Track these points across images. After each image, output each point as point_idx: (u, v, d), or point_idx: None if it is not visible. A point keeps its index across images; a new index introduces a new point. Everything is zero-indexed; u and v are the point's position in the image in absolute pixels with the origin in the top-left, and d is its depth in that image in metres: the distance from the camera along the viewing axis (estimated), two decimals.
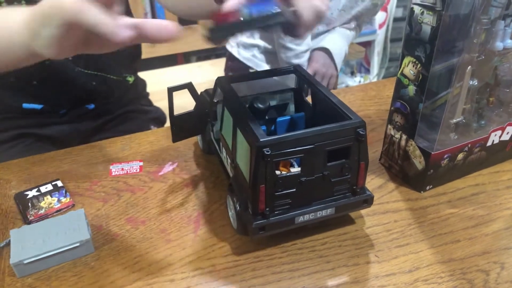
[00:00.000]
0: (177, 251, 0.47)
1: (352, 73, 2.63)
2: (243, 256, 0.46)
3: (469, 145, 0.54)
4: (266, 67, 1.25)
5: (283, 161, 0.45)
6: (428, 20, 0.47)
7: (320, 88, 0.50)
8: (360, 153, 0.44)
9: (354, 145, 0.44)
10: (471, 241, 0.48)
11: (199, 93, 0.56)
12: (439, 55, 0.47)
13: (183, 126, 0.55)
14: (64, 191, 0.55)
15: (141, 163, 0.61)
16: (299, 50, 1.18)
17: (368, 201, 0.47)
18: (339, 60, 1.23)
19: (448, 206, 0.53)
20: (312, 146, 0.42)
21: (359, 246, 0.47)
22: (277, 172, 0.43)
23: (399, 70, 0.53)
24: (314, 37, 1.24)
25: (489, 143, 0.56)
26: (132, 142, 0.66)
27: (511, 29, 0.49)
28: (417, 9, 0.48)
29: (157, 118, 0.90)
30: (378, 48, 2.60)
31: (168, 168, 0.60)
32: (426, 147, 0.53)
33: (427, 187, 0.55)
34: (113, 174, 0.59)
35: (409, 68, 0.51)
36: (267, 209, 0.43)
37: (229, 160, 0.50)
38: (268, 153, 0.39)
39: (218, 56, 2.20)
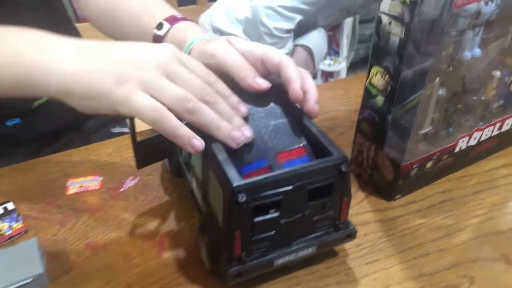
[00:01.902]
0: (141, 279, 0.45)
1: None
2: (214, 281, 0.44)
3: (438, 153, 0.54)
4: None
5: None
6: (396, 31, 0.45)
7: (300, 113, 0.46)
8: (343, 189, 0.41)
9: (337, 181, 0.40)
10: (440, 253, 0.48)
11: None
12: (408, 63, 0.46)
13: (148, 151, 0.49)
14: (15, 215, 0.51)
15: (101, 178, 0.57)
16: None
17: (351, 235, 0.44)
18: (318, 59, 1.23)
19: (418, 216, 0.53)
20: (291, 187, 0.38)
21: (330, 265, 0.46)
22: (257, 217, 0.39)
23: (367, 79, 0.51)
24: (298, 34, 1.23)
25: (456, 149, 0.56)
26: (90, 154, 0.62)
27: (479, 37, 0.48)
28: (384, 19, 0.46)
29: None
30: (347, 30, 2.58)
31: (129, 183, 0.57)
32: (395, 158, 0.52)
33: (397, 196, 0.55)
34: (70, 192, 0.55)
35: (377, 78, 0.50)
36: (244, 253, 0.39)
37: (200, 192, 0.46)
38: (243, 200, 0.36)
39: None
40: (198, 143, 0.37)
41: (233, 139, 0.39)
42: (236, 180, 0.36)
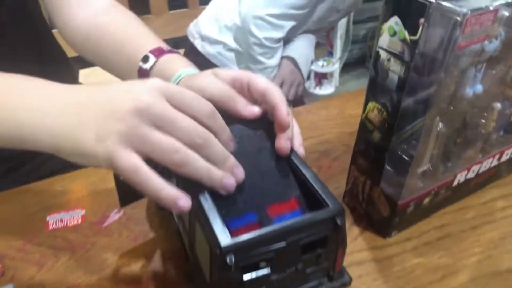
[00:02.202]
0: None
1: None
2: None
3: (436, 189, 0.52)
4: (234, 67, 1.19)
5: None
6: (395, 69, 0.43)
7: (294, 158, 0.43)
8: (338, 241, 0.39)
9: (332, 234, 0.38)
10: None
11: None
12: (407, 102, 0.44)
13: (131, 189, 0.47)
14: None
15: (83, 212, 0.54)
16: (269, 64, 1.13)
17: (346, 284, 0.42)
18: (305, 68, 1.20)
19: (414, 254, 0.51)
20: (284, 244, 0.35)
21: None
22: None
23: (363, 113, 0.49)
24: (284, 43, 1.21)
25: (455, 183, 0.54)
26: (73, 183, 0.59)
27: (481, 74, 0.46)
28: (383, 54, 0.44)
29: None
30: (340, 31, 2.55)
31: (113, 217, 0.54)
32: (391, 194, 0.50)
33: (392, 233, 0.53)
34: (51, 227, 0.52)
35: (374, 114, 0.47)
36: None
37: (187, 240, 0.43)
38: (232, 261, 0.33)
39: None
40: (183, 203, 0.34)
41: (225, 188, 0.37)
42: (224, 239, 0.33)
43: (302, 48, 1.21)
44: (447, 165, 0.52)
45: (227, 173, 0.37)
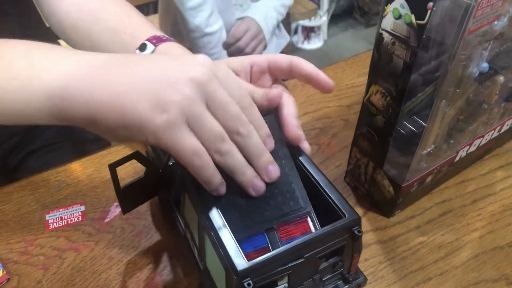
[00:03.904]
0: None
1: None
2: None
3: (438, 167, 0.52)
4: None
5: None
6: (400, 53, 0.41)
7: (304, 162, 0.40)
8: (354, 248, 0.37)
9: (348, 243, 0.36)
10: (442, 277, 0.47)
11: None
12: (413, 87, 0.42)
13: (133, 194, 0.44)
14: None
15: (83, 208, 0.53)
16: (209, 31, 1.11)
17: (361, 284, 0.41)
18: (266, 29, 1.18)
19: (417, 233, 0.51)
20: (302, 260, 0.34)
21: None
22: None
23: (365, 96, 0.47)
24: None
25: (456, 159, 0.54)
26: (69, 177, 0.57)
27: (487, 52, 0.44)
28: (387, 37, 0.41)
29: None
30: None
31: (114, 211, 0.53)
32: (395, 177, 0.49)
33: (396, 212, 0.53)
34: (51, 227, 0.51)
35: (377, 98, 0.46)
36: None
37: (196, 251, 0.41)
38: (250, 286, 0.31)
39: None
40: (223, 190, 0.34)
41: (255, 188, 0.35)
42: (241, 263, 0.31)
43: (260, 8, 1.21)
44: (449, 143, 0.51)
45: (262, 170, 0.36)
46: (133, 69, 0.33)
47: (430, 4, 0.36)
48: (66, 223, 0.52)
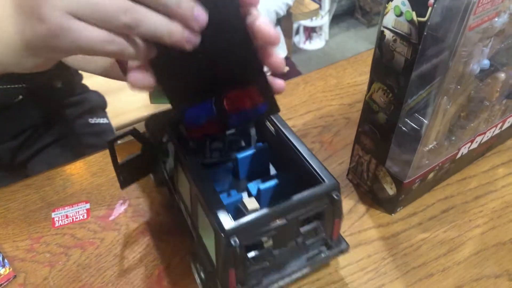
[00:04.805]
0: None
1: None
2: None
3: (440, 164, 0.52)
4: None
5: None
6: (401, 50, 0.41)
7: (286, 132, 0.44)
8: (335, 213, 0.41)
9: (329, 207, 0.40)
10: (444, 273, 0.47)
11: (147, 116, 0.50)
12: (414, 85, 0.43)
13: (130, 170, 0.48)
14: (1, 258, 0.48)
15: (88, 205, 0.54)
16: None
17: (343, 250, 0.44)
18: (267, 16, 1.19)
19: (420, 230, 0.52)
20: (284, 221, 0.37)
21: None
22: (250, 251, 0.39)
23: (367, 93, 0.48)
24: None
25: (458, 156, 0.54)
26: (73, 176, 0.58)
27: (488, 49, 0.44)
28: (388, 34, 0.42)
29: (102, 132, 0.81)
30: None
31: (119, 209, 0.54)
32: (397, 174, 0.50)
33: (398, 209, 0.53)
34: (57, 224, 0.52)
35: (379, 95, 0.46)
36: (238, 285, 0.39)
37: (189, 220, 0.44)
38: (237, 243, 0.35)
39: None
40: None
41: (188, 42, 0.30)
42: (228, 223, 0.35)
43: (264, 2, 1.21)
44: (451, 140, 0.52)
45: (188, 19, 0.29)
46: None
47: (431, 1, 0.36)
48: (71, 220, 0.52)
